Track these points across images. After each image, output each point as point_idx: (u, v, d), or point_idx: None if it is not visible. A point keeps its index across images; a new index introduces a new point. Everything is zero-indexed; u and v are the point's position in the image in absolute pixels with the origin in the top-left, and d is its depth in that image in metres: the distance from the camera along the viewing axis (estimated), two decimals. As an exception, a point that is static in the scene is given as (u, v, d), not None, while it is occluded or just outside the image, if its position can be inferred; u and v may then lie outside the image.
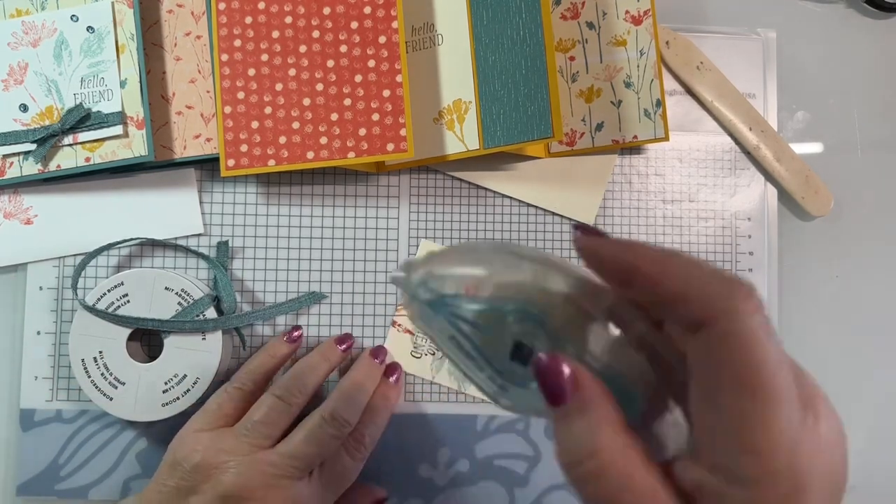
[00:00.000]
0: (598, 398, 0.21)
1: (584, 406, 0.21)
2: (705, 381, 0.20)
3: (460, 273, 0.24)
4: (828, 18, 0.49)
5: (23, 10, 0.42)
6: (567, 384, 0.21)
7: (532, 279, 0.24)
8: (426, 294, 0.24)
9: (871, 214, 0.48)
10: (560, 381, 0.21)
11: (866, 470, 0.47)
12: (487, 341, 0.24)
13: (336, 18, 0.41)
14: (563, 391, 0.21)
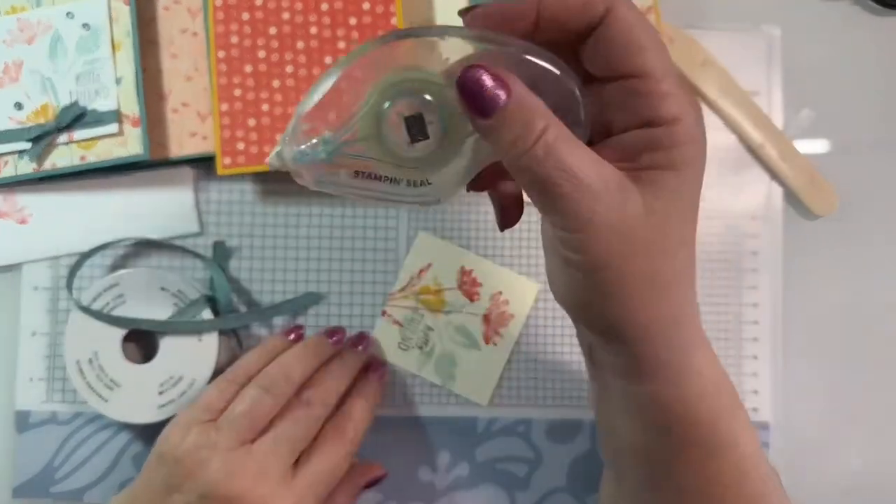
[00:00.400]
0: (530, 95, 0.24)
1: (521, 101, 0.24)
2: (613, 63, 0.25)
3: (314, 102, 0.24)
4: (833, 15, 0.49)
5: (18, 6, 0.42)
6: (494, 86, 0.23)
7: (382, 59, 0.24)
8: (309, 151, 0.24)
9: (877, 213, 0.48)
10: (484, 87, 0.23)
11: (869, 472, 0.47)
12: (383, 145, 0.24)
13: (334, 14, 0.41)
14: (494, 95, 0.23)
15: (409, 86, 0.24)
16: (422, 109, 0.24)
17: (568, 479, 0.44)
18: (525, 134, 0.24)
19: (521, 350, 0.44)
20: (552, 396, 0.44)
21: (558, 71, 0.25)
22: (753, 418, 0.46)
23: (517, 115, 0.24)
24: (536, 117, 0.24)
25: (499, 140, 0.24)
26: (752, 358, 0.46)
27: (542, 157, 0.24)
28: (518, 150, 0.24)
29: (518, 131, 0.24)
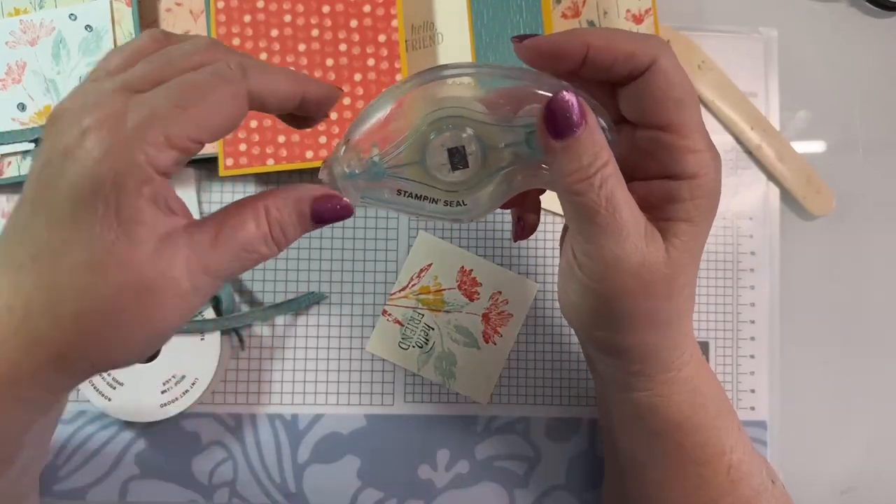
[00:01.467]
0: (598, 131, 0.26)
1: (593, 132, 0.26)
2: (649, 113, 0.27)
3: (367, 128, 0.26)
4: (830, 17, 0.49)
5: (21, 8, 0.42)
6: (578, 114, 0.26)
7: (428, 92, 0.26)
8: (358, 170, 0.27)
9: (873, 214, 0.48)
10: (572, 111, 0.26)
11: (867, 470, 0.47)
12: (426, 170, 0.27)
13: (335, 17, 0.41)
14: (576, 122, 0.26)
15: (453, 121, 0.26)
16: (463, 142, 0.27)
17: (567, 476, 0.45)
18: (591, 163, 0.26)
19: (521, 349, 0.45)
20: (551, 395, 0.45)
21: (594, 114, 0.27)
22: (751, 417, 0.46)
23: (588, 145, 0.26)
24: (602, 150, 0.26)
25: (564, 162, 0.26)
26: (750, 357, 0.46)
27: (597, 187, 0.26)
28: (579, 176, 0.26)
29: (585, 160, 0.26)
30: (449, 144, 0.27)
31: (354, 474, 0.44)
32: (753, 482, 0.33)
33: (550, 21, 0.40)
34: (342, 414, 0.44)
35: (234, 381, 0.43)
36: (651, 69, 0.27)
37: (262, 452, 0.43)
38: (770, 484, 0.33)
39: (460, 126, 0.26)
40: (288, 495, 0.43)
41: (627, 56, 0.27)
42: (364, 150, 0.27)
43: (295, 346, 0.44)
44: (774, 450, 0.46)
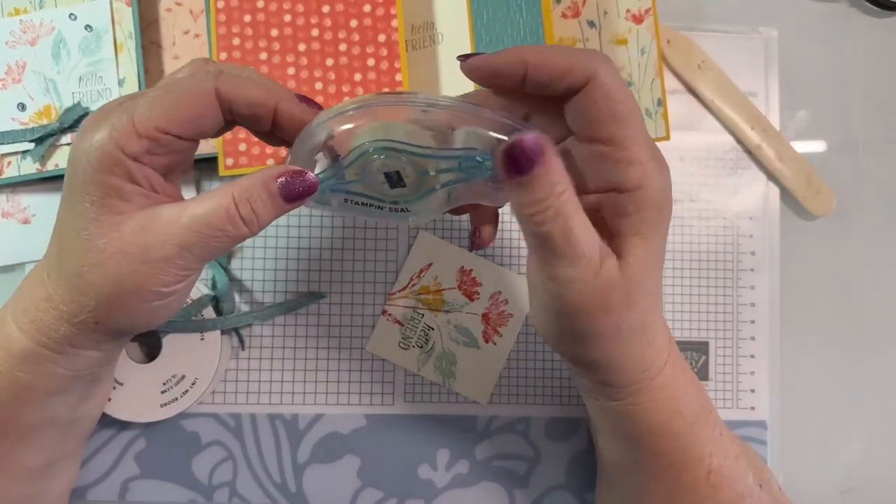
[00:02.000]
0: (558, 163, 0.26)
1: (550, 167, 0.26)
2: (589, 127, 0.28)
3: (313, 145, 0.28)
4: (830, 17, 0.49)
5: (21, 8, 0.42)
6: (537, 154, 0.26)
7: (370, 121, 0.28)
8: None
9: (874, 214, 0.48)
10: (531, 154, 0.26)
11: (866, 470, 0.47)
12: (369, 185, 0.29)
13: (335, 17, 0.41)
14: (532, 161, 0.26)
15: (390, 150, 0.28)
16: (398, 167, 0.28)
17: (567, 476, 0.45)
18: (546, 196, 0.26)
19: (521, 349, 0.45)
20: (551, 395, 0.45)
21: None
22: (750, 417, 0.46)
23: (544, 181, 0.26)
24: (559, 182, 0.26)
25: (522, 195, 0.27)
26: (750, 357, 0.46)
27: (552, 216, 0.26)
28: (535, 209, 0.27)
29: (541, 194, 0.26)
30: (385, 169, 0.28)
31: (354, 474, 0.44)
32: (736, 486, 0.33)
33: (550, 21, 0.40)
34: (342, 414, 0.44)
35: (234, 381, 0.43)
36: (589, 84, 0.27)
37: (262, 452, 0.43)
38: (756, 488, 0.33)
39: (396, 155, 0.28)
40: (288, 495, 0.43)
41: (564, 72, 0.27)
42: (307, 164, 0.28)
43: (295, 346, 0.44)
44: (774, 450, 0.46)
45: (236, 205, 0.27)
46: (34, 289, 0.29)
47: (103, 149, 0.26)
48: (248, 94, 0.28)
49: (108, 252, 0.27)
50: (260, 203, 0.27)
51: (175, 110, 0.26)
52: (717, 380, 0.46)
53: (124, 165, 0.26)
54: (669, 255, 0.46)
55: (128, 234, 0.27)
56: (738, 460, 0.33)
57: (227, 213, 0.27)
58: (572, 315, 0.28)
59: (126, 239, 0.27)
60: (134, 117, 0.26)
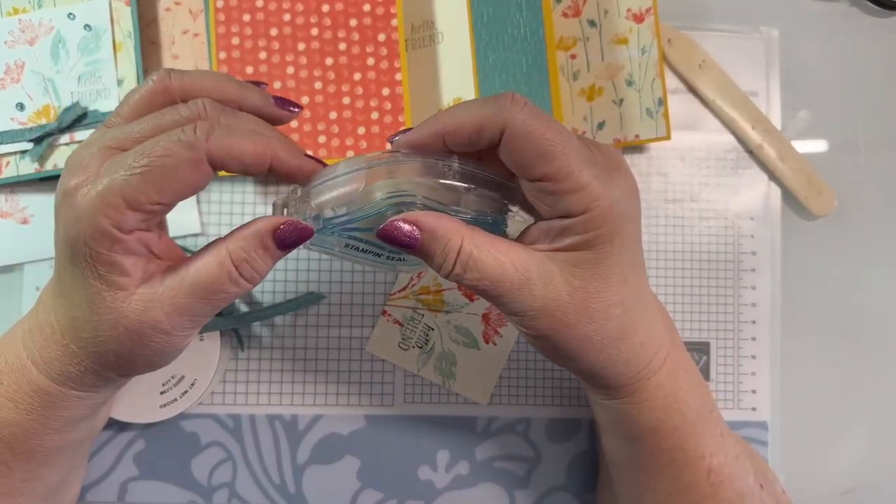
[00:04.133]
0: (440, 224, 0.28)
1: (433, 232, 0.28)
2: (521, 171, 0.28)
3: (336, 196, 0.29)
4: (831, 17, 0.49)
5: (20, 7, 0.42)
6: (408, 233, 0.28)
7: (389, 176, 0.29)
8: (317, 224, 0.29)
9: (875, 214, 0.48)
10: (401, 234, 0.28)
11: (867, 470, 0.47)
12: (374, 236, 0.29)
13: (335, 16, 0.41)
14: (410, 238, 0.28)
15: (407, 203, 0.29)
16: None
17: (567, 477, 0.45)
18: (446, 257, 0.28)
19: (521, 349, 0.45)
20: (551, 395, 0.45)
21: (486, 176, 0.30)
22: (752, 417, 0.46)
23: (433, 245, 0.28)
24: (452, 238, 0.28)
25: (430, 264, 0.29)
26: (751, 357, 0.46)
27: (461, 272, 0.28)
28: (444, 271, 0.28)
29: (440, 258, 0.28)
30: None
31: (354, 475, 0.43)
32: (736, 486, 0.33)
33: (551, 20, 0.40)
34: (342, 414, 0.44)
35: (234, 382, 0.43)
36: (504, 137, 0.28)
37: (261, 453, 0.43)
38: (758, 488, 0.33)
39: (411, 207, 0.29)
40: (287, 496, 0.43)
41: (477, 132, 0.28)
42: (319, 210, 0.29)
43: (294, 347, 0.44)
44: (775, 450, 0.46)
45: (236, 267, 0.28)
46: (53, 344, 0.29)
47: (99, 229, 0.26)
48: (242, 155, 0.27)
49: (119, 330, 0.28)
50: (259, 260, 0.28)
51: (167, 184, 0.26)
52: (717, 380, 0.46)
53: (122, 242, 0.27)
54: (670, 255, 0.46)
55: (133, 315, 0.27)
56: (739, 460, 0.33)
57: (230, 276, 0.28)
58: (540, 336, 0.29)
59: (132, 318, 0.27)
60: (126, 196, 0.26)
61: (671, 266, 0.46)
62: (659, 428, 0.32)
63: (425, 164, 0.29)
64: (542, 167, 0.27)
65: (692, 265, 0.46)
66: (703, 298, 0.46)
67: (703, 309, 0.46)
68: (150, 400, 0.40)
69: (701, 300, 0.46)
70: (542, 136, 0.27)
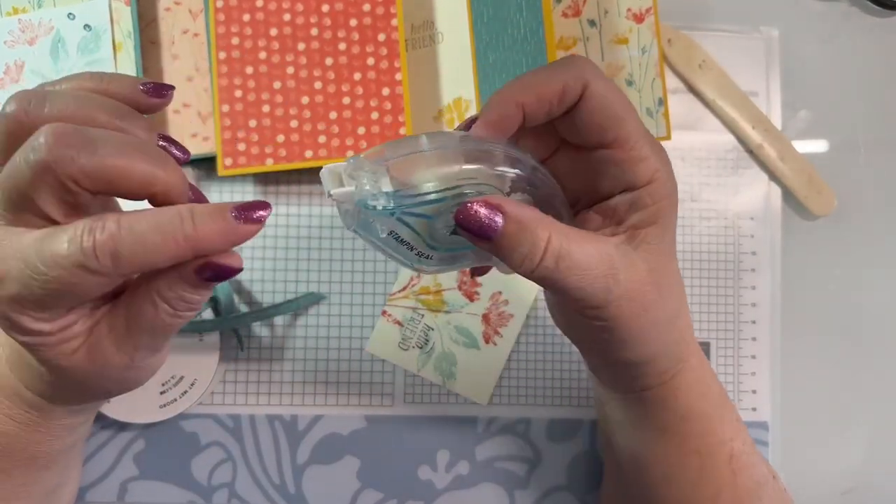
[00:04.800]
0: (525, 213, 0.26)
1: (520, 222, 0.26)
2: (595, 134, 0.27)
3: (426, 174, 0.26)
4: (831, 16, 0.49)
5: (20, 7, 0.42)
6: (489, 220, 0.26)
7: (463, 165, 0.27)
8: (377, 204, 0.26)
9: (875, 214, 0.48)
10: (483, 220, 0.26)
11: (868, 471, 0.47)
12: (430, 225, 0.27)
13: (335, 16, 0.41)
14: (491, 225, 0.26)
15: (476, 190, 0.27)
16: None
17: (568, 477, 0.44)
18: (533, 250, 0.26)
19: (521, 349, 0.44)
20: (552, 396, 0.45)
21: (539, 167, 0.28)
22: (752, 418, 0.46)
23: (519, 235, 0.26)
24: (539, 230, 0.26)
25: (509, 258, 0.26)
26: (751, 357, 0.46)
27: (553, 266, 0.26)
28: (529, 265, 0.26)
29: (525, 249, 0.26)
30: None
31: (354, 475, 0.43)
32: (754, 474, 0.33)
33: (551, 20, 0.40)
34: (342, 415, 0.44)
35: (234, 382, 0.43)
36: (584, 96, 0.27)
37: (261, 453, 0.43)
38: (771, 479, 0.34)
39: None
40: (287, 496, 0.43)
41: (560, 95, 0.27)
42: (402, 185, 0.26)
43: (294, 347, 0.44)
44: (775, 450, 0.46)
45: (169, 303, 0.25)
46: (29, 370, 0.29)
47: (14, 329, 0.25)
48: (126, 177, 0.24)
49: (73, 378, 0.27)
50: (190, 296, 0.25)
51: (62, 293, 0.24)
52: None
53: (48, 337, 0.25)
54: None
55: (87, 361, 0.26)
56: (754, 447, 0.34)
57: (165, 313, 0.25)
58: (618, 325, 0.28)
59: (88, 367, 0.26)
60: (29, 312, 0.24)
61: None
62: (690, 414, 0.32)
63: (506, 152, 0.27)
64: (615, 130, 0.27)
65: (692, 265, 0.46)
66: (704, 298, 0.46)
67: (703, 309, 0.46)
68: (149, 400, 0.40)
69: (701, 300, 0.46)
70: (619, 97, 0.27)
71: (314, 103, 0.41)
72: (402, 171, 0.26)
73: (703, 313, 0.46)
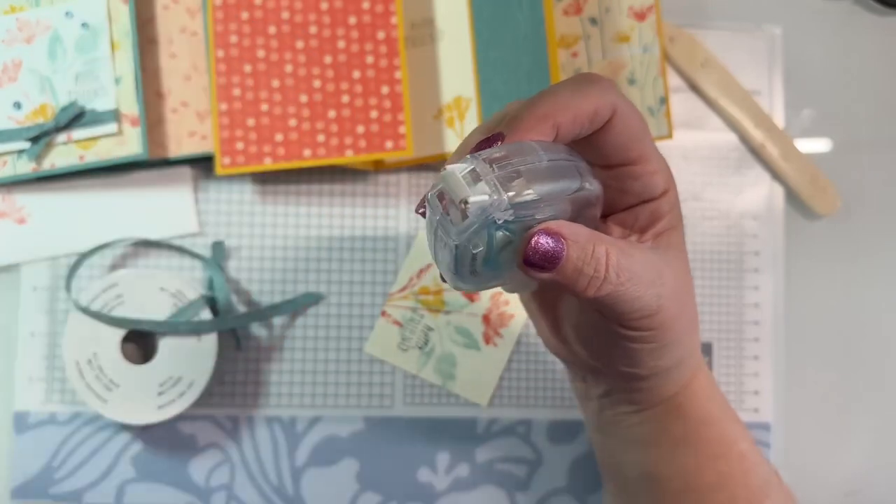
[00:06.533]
0: (580, 232, 0.25)
1: (577, 241, 0.25)
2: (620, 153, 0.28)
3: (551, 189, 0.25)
4: (834, 15, 0.48)
5: (17, 6, 0.42)
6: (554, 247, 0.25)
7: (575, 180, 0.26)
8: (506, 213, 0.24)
9: (879, 213, 0.48)
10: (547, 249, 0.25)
11: (871, 472, 0.47)
12: (506, 245, 0.25)
13: (334, 14, 0.41)
14: (556, 252, 0.25)
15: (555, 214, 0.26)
16: None
17: (568, 479, 0.44)
18: (598, 269, 0.25)
19: (521, 350, 0.44)
20: (552, 397, 0.44)
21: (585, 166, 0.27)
22: (754, 418, 0.45)
23: (583, 259, 0.25)
24: (597, 248, 0.25)
25: (575, 283, 0.25)
26: (754, 358, 0.46)
27: (616, 280, 0.26)
28: (596, 285, 0.25)
29: (591, 270, 0.25)
30: None
31: (353, 477, 0.43)
32: (761, 472, 0.33)
33: (552, 18, 0.40)
34: (340, 416, 0.43)
35: (232, 383, 0.43)
36: (615, 118, 0.27)
37: (259, 455, 0.43)
38: (775, 476, 0.34)
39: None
40: (286, 498, 0.43)
41: (592, 117, 0.27)
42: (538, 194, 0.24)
43: (293, 348, 0.43)
44: (778, 452, 0.45)
45: None
46: None
47: None
48: None
49: None
50: None
51: None
52: (720, 381, 0.45)
53: None
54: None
55: None
56: (756, 446, 0.34)
57: None
58: (656, 337, 0.28)
59: None
60: None
61: (673, 266, 0.45)
62: (707, 418, 0.32)
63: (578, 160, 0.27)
64: (637, 148, 0.28)
65: (695, 265, 0.46)
66: (706, 298, 0.46)
67: (705, 309, 0.46)
68: (147, 401, 0.40)
69: (703, 300, 0.46)
70: (638, 115, 0.28)
71: (313, 102, 0.40)
72: (529, 181, 0.24)
73: (706, 313, 0.46)
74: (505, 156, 0.24)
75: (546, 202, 0.24)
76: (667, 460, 0.33)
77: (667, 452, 0.33)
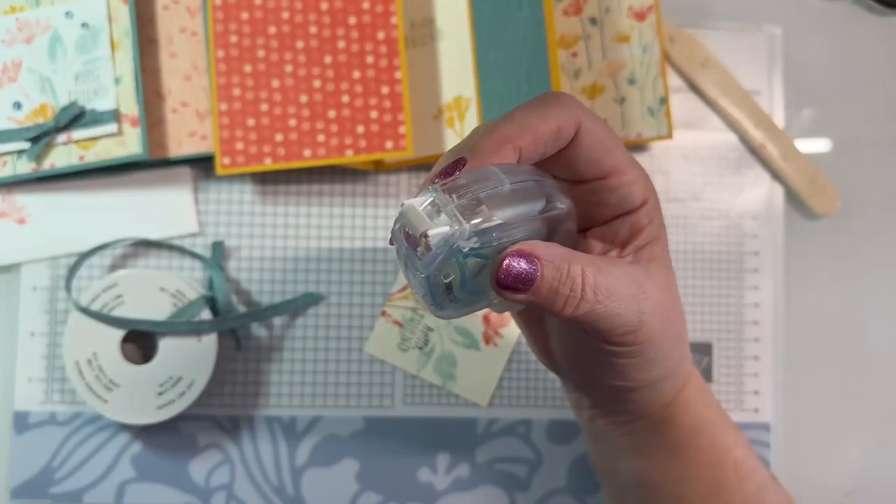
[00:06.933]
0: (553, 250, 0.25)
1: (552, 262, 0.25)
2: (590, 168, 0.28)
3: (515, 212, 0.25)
4: (834, 15, 0.48)
5: (17, 6, 0.42)
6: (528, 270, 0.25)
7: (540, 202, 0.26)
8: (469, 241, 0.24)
9: (879, 214, 0.48)
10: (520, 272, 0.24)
11: (871, 473, 0.47)
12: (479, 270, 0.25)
13: (334, 14, 0.41)
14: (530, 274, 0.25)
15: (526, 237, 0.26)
16: None
17: (568, 479, 0.44)
18: (574, 288, 0.25)
19: (522, 350, 0.44)
20: (553, 397, 0.44)
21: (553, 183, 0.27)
22: (754, 418, 0.45)
23: (558, 279, 0.25)
24: (572, 268, 0.25)
25: (552, 303, 0.25)
26: (754, 358, 0.46)
27: (593, 298, 0.25)
28: (573, 304, 0.25)
29: (566, 290, 0.25)
30: None
31: (353, 477, 0.43)
32: (757, 477, 0.33)
33: (552, 18, 0.40)
34: (340, 416, 0.43)
35: (232, 383, 0.43)
36: (580, 135, 0.27)
37: (259, 455, 0.43)
38: (771, 481, 0.34)
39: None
40: (286, 499, 0.43)
41: (555, 136, 0.26)
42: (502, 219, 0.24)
43: (293, 348, 0.43)
44: (778, 452, 0.45)
45: None
46: None
47: None
48: None
49: None
50: None
51: None
52: (720, 381, 0.45)
53: None
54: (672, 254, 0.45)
55: None
56: (753, 452, 0.34)
57: None
58: (646, 349, 0.28)
59: None
60: None
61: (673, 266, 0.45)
62: (700, 425, 0.32)
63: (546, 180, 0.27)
64: (609, 160, 0.27)
65: (694, 265, 0.46)
66: (706, 299, 0.46)
67: (705, 309, 0.46)
68: (147, 401, 0.40)
69: (703, 300, 0.46)
70: (607, 129, 0.28)
71: (313, 102, 0.40)
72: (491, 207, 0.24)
73: (706, 314, 0.46)
74: (465, 184, 0.24)
75: (513, 225, 0.25)
76: (661, 469, 0.33)
77: (661, 461, 0.33)
